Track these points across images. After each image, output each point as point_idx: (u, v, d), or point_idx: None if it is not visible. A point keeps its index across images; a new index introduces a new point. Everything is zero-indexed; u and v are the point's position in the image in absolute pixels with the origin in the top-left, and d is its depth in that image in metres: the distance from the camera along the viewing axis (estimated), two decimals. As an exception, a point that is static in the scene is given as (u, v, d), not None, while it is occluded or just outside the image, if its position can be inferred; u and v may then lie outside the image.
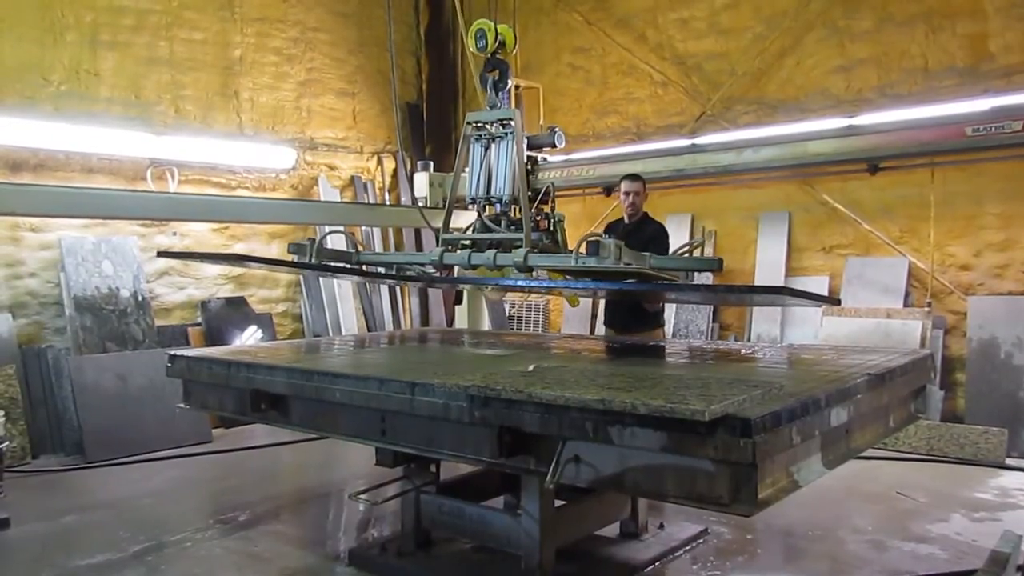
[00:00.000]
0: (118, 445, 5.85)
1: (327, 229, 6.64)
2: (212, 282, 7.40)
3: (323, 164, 8.37)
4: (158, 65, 7.00)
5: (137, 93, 6.88)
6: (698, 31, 7.52)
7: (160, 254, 4.96)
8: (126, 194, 6.54)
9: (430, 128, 9.19)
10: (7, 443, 4.93)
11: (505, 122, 3.72)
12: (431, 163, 6.56)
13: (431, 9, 9.24)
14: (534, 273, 3.71)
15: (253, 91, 7.73)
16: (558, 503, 3.41)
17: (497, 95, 3.83)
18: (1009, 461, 5.38)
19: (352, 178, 8.60)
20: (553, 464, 2.52)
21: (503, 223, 3.73)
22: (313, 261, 4.13)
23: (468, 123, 3.81)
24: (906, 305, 6.28)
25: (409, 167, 8.77)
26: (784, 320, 6.92)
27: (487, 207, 3.81)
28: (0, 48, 6.10)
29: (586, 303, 7.81)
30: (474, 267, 3.76)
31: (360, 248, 4.53)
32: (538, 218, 3.67)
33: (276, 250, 7.88)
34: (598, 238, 3.23)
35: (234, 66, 7.57)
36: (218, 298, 7.37)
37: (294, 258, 4.26)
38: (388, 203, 8.80)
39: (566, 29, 8.43)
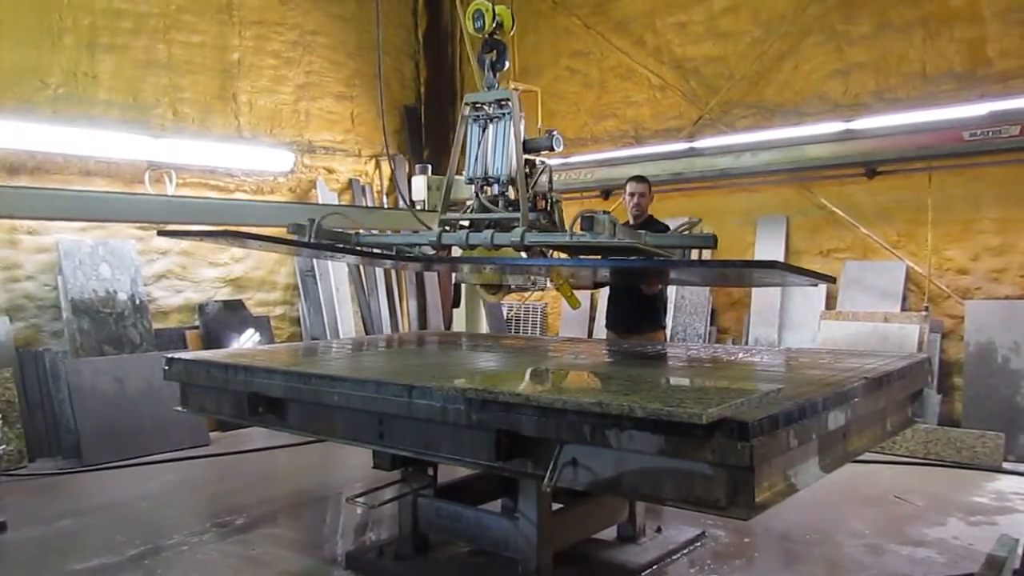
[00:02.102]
0: (115, 448, 5.84)
1: (324, 214, 6.62)
2: (210, 285, 7.39)
3: (321, 167, 8.37)
4: (156, 68, 7.00)
5: (135, 96, 6.88)
6: (696, 35, 7.54)
7: (160, 233, 4.86)
8: (124, 197, 6.53)
9: (428, 131, 9.20)
10: (4, 446, 4.92)
11: (503, 103, 3.72)
12: (429, 166, 6.55)
13: (429, 13, 9.25)
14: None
15: (251, 94, 7.73)
16: (556, 506, 3.40)
17: (494, 76, 3.82)
18: (1006, 465, 5.38)
19: (350, 181, 8.60)
20: (551, 467, 2.52)
21: (500, 203, 3.72)
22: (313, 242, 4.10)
23: (466, 104, 3.80)
24: (903, 309, 6.29)
25: (407, 170, 8.79)
26: (782, 323, 6.93)
27: (485, 188, 3.80)
28: (-2, 51, 6.11)
29: (586, 306, 7.82)
30: (472, 247, 3.75)
31: (358, 231, 4.49)
32: (535, 198, 3.66)
33: (275, 253, 7.87)
34: (592, 213, 3.23)
35: (232, 69, 7.57)
36: (216, 301, 7.36)
37: (295, 239, 4.23)
38: (386, 206, 8.80)
39: (564, 33, 8.45)
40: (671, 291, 7.04)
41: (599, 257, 3.73)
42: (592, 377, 3.25)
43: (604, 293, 6.01)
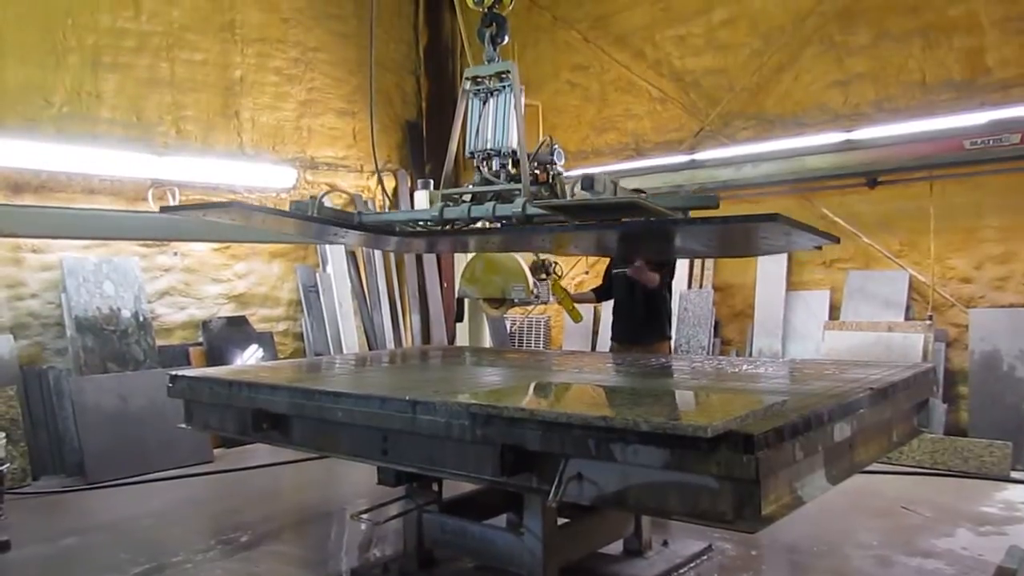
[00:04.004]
0: (119, 466, 5.84)
1: (325, 190, 6.60)
2: (213, 301, 7.40)
3: (324, 183, 8.40)
4: (159, 86, 7.05)
5: (138, 114, 6.92)
6: (696, 47, 7.57)
7: (163, 210, 4.66)
8: (128, 215, 6.58)
9: (430, 146, 9.23)
10: (8, 464, 4.91)
11: (503, 75, 3.69)
12: (431, 181, 6.57)
13: (430, 28, 9.31)
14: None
15: (254, 111, 7.77)
16: (561, 521, 3.39)
17: (495, 49, 3.80)
18: (1014, 474, 5.35)
19: (353, 197, 8.63)
20: (556, 482, 2.51)
21: (502, 176, 3.69)
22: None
23: (466, 78, 3.78)
24: (907, 318, 6.27)
25: (409, 185, 8.81)
26: (785, 334, 6.91)
27: (486, 162, 3.77)
28: (3, 70, 6.14)
29: (588, 319, 7.80)
30: (474, 220, 3.73)
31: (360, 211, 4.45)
32: (537, 171, 3.63)
33: (278, 269, 7.90)
34: (591, 173, 3.21)
35: (235, 87, 7.62)
36: (219, 318, 7.37)
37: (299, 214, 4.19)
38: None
39: (565, 47, 8.49)
40: (674, 303, 7.04)
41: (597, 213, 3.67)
42: (596, 391, 3.24)
43: (608, 307, 6.01)
